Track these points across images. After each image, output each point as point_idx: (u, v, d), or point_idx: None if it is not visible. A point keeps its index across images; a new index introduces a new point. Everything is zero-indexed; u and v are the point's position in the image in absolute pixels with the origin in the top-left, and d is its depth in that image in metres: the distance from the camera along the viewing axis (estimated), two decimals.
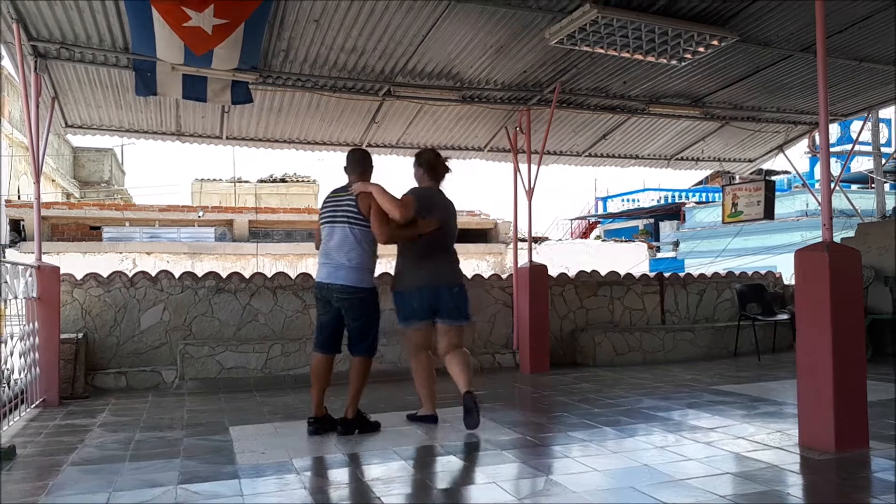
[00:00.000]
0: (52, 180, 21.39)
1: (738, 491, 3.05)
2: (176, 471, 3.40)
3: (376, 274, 4.43)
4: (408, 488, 3.21)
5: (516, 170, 7.19)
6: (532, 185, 6.91)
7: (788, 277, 8.49)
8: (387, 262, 5.21)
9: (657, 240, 27.02)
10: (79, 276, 6.21)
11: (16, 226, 17.06)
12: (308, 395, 4.75)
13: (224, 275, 6.63)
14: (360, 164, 4.31)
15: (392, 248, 4.43)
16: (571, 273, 8.01)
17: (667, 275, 8.53)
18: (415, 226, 4.21)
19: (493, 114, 6.99)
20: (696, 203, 25.38)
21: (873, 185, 15.57)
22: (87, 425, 4.48)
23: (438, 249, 4.36)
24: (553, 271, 7.56)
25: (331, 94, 6.24)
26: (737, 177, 14.66)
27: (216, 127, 6.99)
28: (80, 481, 3.28)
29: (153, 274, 6.42)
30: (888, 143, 19.90)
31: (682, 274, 8.93)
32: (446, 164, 4.54)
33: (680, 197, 28.33)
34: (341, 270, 4.13)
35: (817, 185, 14.21)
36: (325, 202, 4.31)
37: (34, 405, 4.91)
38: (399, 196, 4.18)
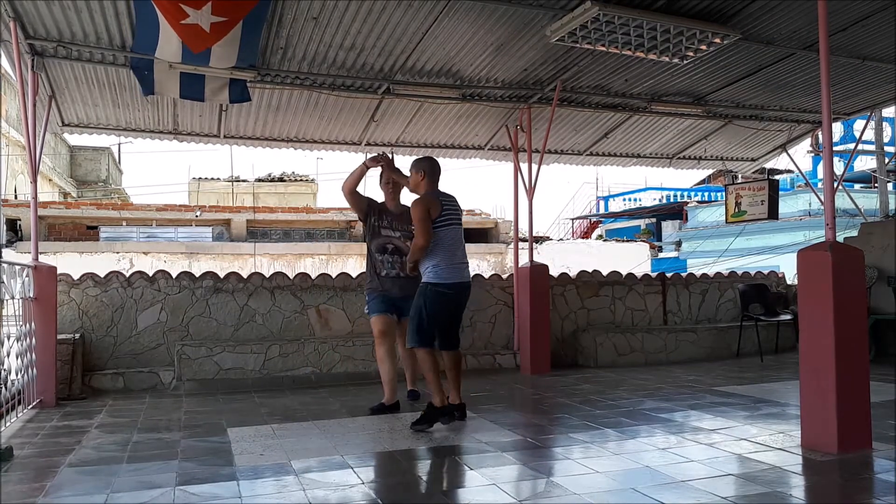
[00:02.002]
0: (49, 179, 21.37)
1: (740, 492, 3.04)
2: (174, 472, 3.38)
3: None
4: (407, 489, 3.19)
5: (517, 169, 7.15)
6: (533, 184, 6.87)
7: (791, 277, 8.45)
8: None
9: (659, 239, 26.97)
10: (76, 276, 6.17)
11: (12, 225, 17.02)
12: (306, 396, 4.74)
13: (222, 275, 6.59)
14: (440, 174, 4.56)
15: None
16: (573, 273, 7.97)
17: (669, 275, 8.50)
18: None
19: (494, 112, 6.96)
20: (699, 202, 25.33)
21: (876, 185, 15.53)
22: (85, 426, 4.46)
23: None
24: (554, 271, 7.53)
25: (329, 93, 6.21)
26: (739, 176, 14.65)
27: (214, 125, 6.96)
28: (77, 483, 3.26)
29: (150, 274, 6.39)
30: (891, 142, 19.88)
31: (684, 274, 8.90)
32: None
33: (682, 196, 28.27)
34: (469, 269, 4.53)
35: (820, 185, 14.18)
36: (445, 204, 4.38)
37: (31, 406, 4.89)
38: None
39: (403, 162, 6.93)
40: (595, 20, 4.69)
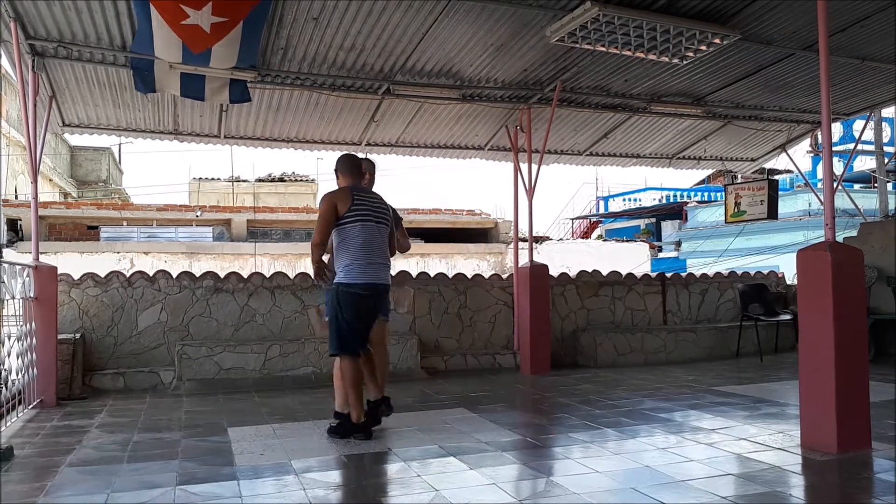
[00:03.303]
0: (50, 179, 21.36)
1: (740, 492, 3.04)
2: (174, 472, 3.38)
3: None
4: (407, 489, 3.19)
5: (517, 169, 7.16)
6: (533, 185, 6.88)
7: (791, 277, 8.46)
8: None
9: (659, 239, 26.97)
10: (76, 276, 6.18)
11: (13, 225, 17.03)
12: (307, 396, 4.73)
13: (222, 275, 6.60)
14: (359, 168, 4.37)
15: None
16: (572, 273, 7.98)
17: (668, 275, 8.50)
18: None
19: (494, 112, 6.97)
20: (698, 202, 25.33)
21: (876, 185, 15.54)
22: (85, 426, 4.46)
23: None
24: (554, 271, 7.54)
25: (330, 93, 6.22)
26: (739, 176, 14.66)
27: (214, 126, 6.97)
28: (78, 482, 3.27)
29: (151, 274, 6.40)
30: (891, 143, 19.87)
31: (683, 274, 8.90)
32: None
33: (682, 196, 28.26)
34: (387, 270, 4.25)
35: (820, 185, 14.19)
36: (358, 200, 4.14)
37: (31, 406, 4.89)
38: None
39: (403, 161, 6.94)
40: (595, 20, 4.69)
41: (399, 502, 3.05)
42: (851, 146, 11.88)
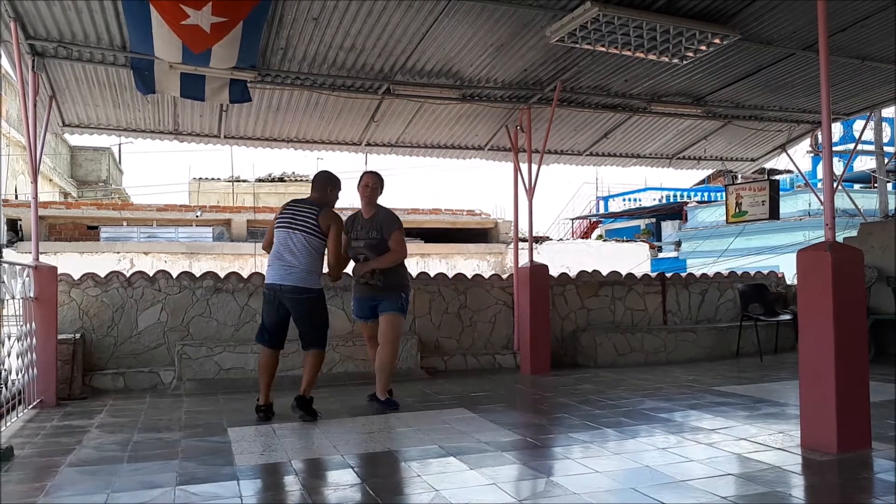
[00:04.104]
0: (50, 180, 21.37)
1: (740, 492, 3.04)
2: (174, 472, 3.38)
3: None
4: (407, 489, 3.20)
5: (517, 169, 7.16)
6: (533, 185, 6.88)
7: (791, 277, 8.46)
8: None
9: (659, 239, 26.98)
10: (76, 277, 6.18)
11: (13, 225, 17.03)
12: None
13: (222, 275, 6.60)
14: (324, 182, 4.78)
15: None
16: (572, 273, 7.98)
17: (668, 275, 8.50)
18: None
19: (494, 112, 6.97)
20: (698, 203, 25.34)
21: (876, 185, 15.55)
22: (85, 426, 4.46)
23: None
24: (554, 271, 7.54)
25: (330, 93, 6.22)
26: (739, 176, 14.66)
27: (214, 126, 6.98)
28: (78, 482, 3.27)
29: (151, 274, 6.40)
30: (891, 143, 19.89)
31: (683, 274, 8.91)
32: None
33: (682, 196, 28.27)
34: (291, 272, 4.54)
35: (820, 185, 14.20)
36: (284, 209, 4.71)
37: (31, 406, 4.89)
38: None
39: (403, 161, 6.94)
40: (595, 20, 4.69)
41: (399, 502, 3.05)
42: (851, 146, 11.88)
